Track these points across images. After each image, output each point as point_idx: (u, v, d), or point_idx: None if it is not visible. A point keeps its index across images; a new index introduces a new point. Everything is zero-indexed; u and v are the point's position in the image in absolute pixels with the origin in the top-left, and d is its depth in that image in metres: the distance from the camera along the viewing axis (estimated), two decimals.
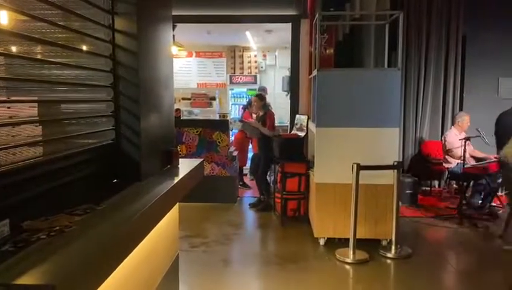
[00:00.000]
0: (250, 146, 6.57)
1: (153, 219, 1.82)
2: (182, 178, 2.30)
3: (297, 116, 5.44)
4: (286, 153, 4.98)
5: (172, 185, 2.11)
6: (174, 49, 6.52)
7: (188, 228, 4.64)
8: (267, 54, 8.90)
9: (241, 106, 7.82)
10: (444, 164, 5.74)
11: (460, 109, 6.59)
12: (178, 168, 2.57)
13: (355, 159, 3.77)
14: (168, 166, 2.53)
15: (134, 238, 1.58)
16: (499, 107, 6.50)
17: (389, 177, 3.89)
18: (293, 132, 5.43)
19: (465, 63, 6.55)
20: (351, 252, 3.76)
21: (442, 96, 6.48)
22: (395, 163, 3.83)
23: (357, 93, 3.90)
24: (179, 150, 6.04)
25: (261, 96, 5.77)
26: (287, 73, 7.97)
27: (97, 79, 2.01)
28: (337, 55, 5.11)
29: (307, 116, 5.12)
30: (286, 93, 7.42)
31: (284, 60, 8.47)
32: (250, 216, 5.46)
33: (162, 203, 1.91)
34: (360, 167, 3.70)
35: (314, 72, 4.25)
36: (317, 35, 4.02)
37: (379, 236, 4.07)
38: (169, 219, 2.52)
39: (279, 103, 8.30)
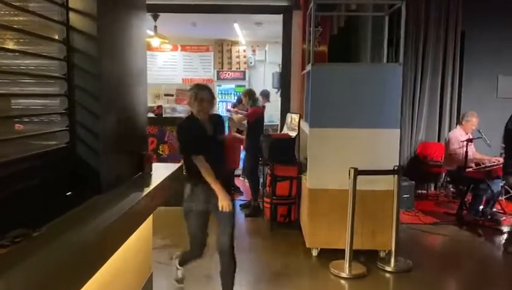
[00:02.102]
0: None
1: (112, 244, 1.48)
2: (154, 188, 1.97)
3: (288, 114, 5.13)
4: (276, 154, 4.67)
5: (140, 198, 1.77)
6: (156, 41, 6.17)
7: (167, 236, 4.30)
8: (256, 48, 8.58)
9: (229, 104, 7.48)
10: (443, 166, 5.50)
11: (458, 109, 6.38)
12: (151, 175, 2.23)
13: (352, 163, 3.48)
14: (139, 173, 2.20)
15: (81, 274, 1.24)
16: (498, 106, 6.35)
17: (388, 183, 3.60)
18: (283, 131, 5.12)
19: (464, 61, 6.34)
20: (347, 266, 3.47)
21: (439, 94, 6.25)
22: (396, 167, 3.55)
23: (355, 91, 3.60)
24: (160, 151, 5.69)
25: (249, 92, 5.45)
26: (278, 69, 7.66)
27: (47, 69, 1.66)
28: (331, 50, 4.81)
29: (299, 115, 4.81)
30: (276, 90, 7.12)
31: (275, 55, 8.14)
32: (238, 222, 5.12)
33: (125, 222, 1.58)
34: (358, 172, 3.41)
35: (308, 68, 3.94)
36: (311, 27, 3.71)
37: (377, 247, 3.79)
38: (140, 236, 2.19)
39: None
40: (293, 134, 4.87)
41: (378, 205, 3.70)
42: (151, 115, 5.92)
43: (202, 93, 2.68)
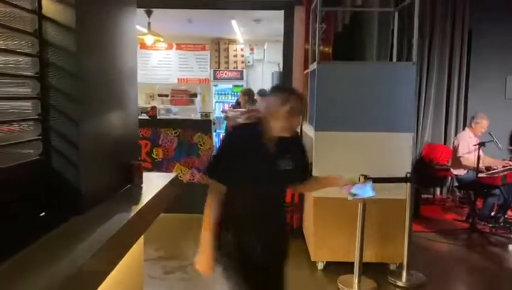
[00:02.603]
0: None
1: (93, 281, 1.22)
2: (145, 205, 1.71)
3: None
4: None
5: (129, 218, 1.51)
6: (150, 39, 5.89)
7: (162, 247, 4.04)
8: (254, 47, 8.33)
9: (229, 104, 7.23)
10: (451, 170, 5.27)
11: (465, 110, 6.17)
12: (141, 188, 1.97)
13: (361, 170, 3.22)
14: (128, 186, 1.94)
15: None
16: (506, 108, 6.14)
17: (399, 191, 3.36)
18: None
19: (471, 60, 6.13)
20: (356, 281, 3.23)
21: (445, 95, 6.03)
22: (408, 175, 3.31)
23: (364, 92, 3.36)
24: (154, 154, 5.43)
25: (248, 92, 5.22)
26: (277, 68, 7.44)
27: (15, 67, 1.40)
28: (335, 49, 4.56)
29: (301, 117, 4.56)
30: None
31: (274, 54, 7.92)
32: None
33: (110, 251, 1.32)
34: (368, 179, 3.15)
35: (312, 66, 3.69)
36: (317, 23, 3.46)
37: (387, 259, 3.55)
38: (129, 261, 1.92)
39: None
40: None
41: (388, 215, 3.46)
42: (144, 116, 5.66)
43: (297, 103, 1.75)
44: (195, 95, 5.53)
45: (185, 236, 4.46)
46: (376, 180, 3.17)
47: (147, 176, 2.10)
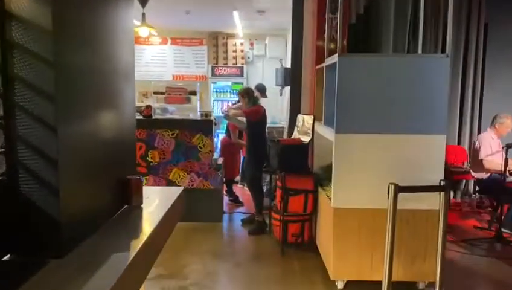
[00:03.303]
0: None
1: None
2: (150, 236, 1.31)
3: (299, 116, 4.49)
4: (287, 163, 4.04)
5: (126, 265, 1.11)
6: (145, 31, 5.47)
7: (161, 263, 3.63)
8: (254, 42, 7.93)
9: (228, 103, 6.83)
10: (472, 174, 4.93)
11: (480, 108, 5.86)
12: (141, 209, 1.57)
13: (388, 177, 2.87)
14: (125, 207, 1.54)
15: None
16: None
17: (431, 201, 2.99)
18: (294, 136, 4.49)
19: (486, 55, 5.80)
20: None
21: (460, 93, 5.70)
22: (443, 183, 2.94)
23: (392, 88, 2.99)
24: (149, 158, 5.00)
25: (246, 91, 4.81)
26: (279, 65, 7.05)
27: None
28: (349, 41, 4.19)
29: (313, 117, 4.18)
30: (280, 87, 6.49)
31: (276, 49, 7.54)
32: (240, 242, 4.48)
33: None
34: (399, 189, 2.78)
35: (331, 60, 3.31)
36: (339, 5, 3.07)
37: (416, 277, 3.19)
38: None
39: (269, 100, 7.36)
40: (306, 139, 4.24)
41: (419, 228, 3.10)
42: (138, 116, 5.24)
43: None
44: (194, 93, 5.13)
45: (186, 248, 4.06)
46: (405, 189, 2.82)
47: (147, 191, 1.70)
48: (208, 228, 4.74)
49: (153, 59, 7.86)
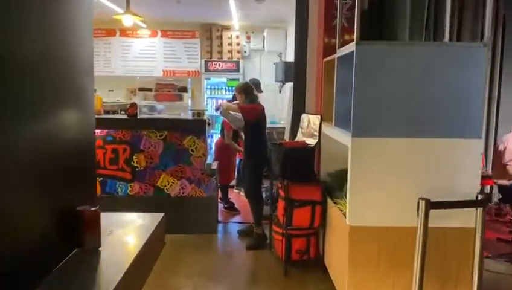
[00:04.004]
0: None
1: None
2: None
3: (303, 116, 4.04)
4: (291, 170, 3.58)
5: None
6: (129, 20, 4.98)
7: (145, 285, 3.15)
8: (251, 35, 7.47)
9: (226, 101, 6.36)
10: (494, 179, 4.51)
11: (497, 107, 5.45)
12: (98, 255, 1.10)
13: (415, 189, 2.43)
14: (74, 251, 1.07)
15: None
16: None
17: (463, 217, 2.56)
18: (298, 138, 4.03)
19: (504, 49, 5.39)
20: None
21: None
22: (480, 197, 2.50)
23: (419, 83, 2.54)
24: (135, 162, 4.52)
25: (244, 88, 4.37)
26: (278, 59, 6.61)
27: None
28: (362, 29, 3.73)
29: (320, 117, 3.73)
30: (280, 84, 6.03)
31: (275, 42, 7.08)
32: (238, 258, 4.02)
33: None
34: (431, 204, 2.34)
35: (346, 49, 2.85)
36: None
37: None
38: None
39: (267, 98, 6.92)
40: (312, 142, 3.78)
41: (450, 248, 2.66)
42: (123, 115, 4.76)
43: None
44: (184, 90, 4.66)
45: (175, 268, 3.58)
46: (438, 205, 2.38)
47: (110, 220, 1.23)
48: (200, 242, 4.28)
49: (142, 53, 7.40)
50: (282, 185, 3.55)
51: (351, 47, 2.62)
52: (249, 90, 4.31)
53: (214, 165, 4.62)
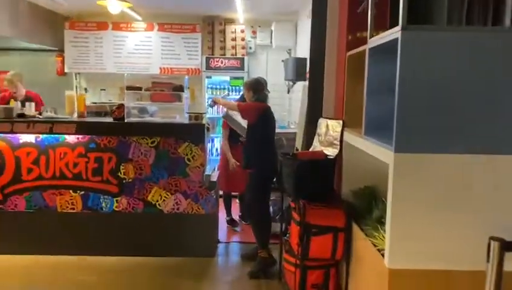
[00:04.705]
0: None
1: None
2: None
3: (321, 120, 3.42)
4: (307, 187, 2.97)
5: None
6: (115, 6, 4.38)
7: None
8: (257, 29, 6.88)
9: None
10: None
11: None
12: None
13: (482, 224, 1.85)
14: None
15: None
16: None
17: None
18: (314, 148, 3.42)
19: None
20: None
21: None
22: None
23: (493, 80, 1.93)
24: (122, 173, 3.90)
25: (252, 85, 3.81)
26: (286, 56, 6.03)
27: None
28: (392, 13, 3.13)
29: (341, 123, 3.12)
30: (290, 84, 5.45)
31: (284, 37, 6.51)
32: (239, 289, 3.42)
33: None
34: (505, 245, 1.73)
35: (383, 38, 2.23)
36: None
37: None
38: None
39: (274, 98, 6.34)
40: (332, 152, 3.16)
41: None
42: (107, 119, 4.18)
43: None
44: (180, 89, 4.08)
45: None
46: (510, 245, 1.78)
47: None
48: (196, 267, 3.69)
49: (137, 49, 6.82)
50: (297, 206, 2.94)
51: (394, 33, 2.00)
52: (258, 87, 3.77)
53: (214, 177, 4.02)
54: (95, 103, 5.65)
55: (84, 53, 6.71)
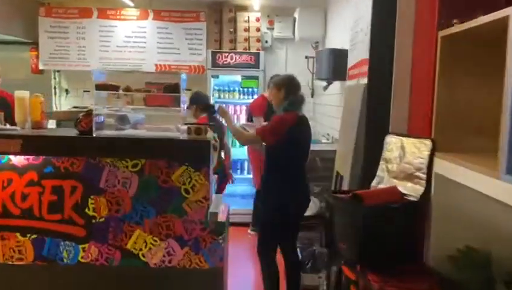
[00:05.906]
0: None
1: None
2: None
3: (389, 138, 2.32)
4: (376, 247, 1.91)
5: None
6: None
7: None
8: (275, 19, 6.09)
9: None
10: None
11: None
12: None
13: None
14: None
15: None
16: None
17: None
18: (381, 180, 2.30)
19: None
20: None
21: None
22: None
23: None
24: (91, 210, 2.71)
25: (285, 81, 3.07)
26: (310, 51, 5.10)
27: None
28: None
29: (430, 143, 2.02)
30: (325, 87, 4.45)
31: (310, 27, 5.64)
32: None
33: None
34: None
35: None
36: None
37: None
38: None
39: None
40: (413, 190, 2.06)
41: None
42: (72, 131, 3.09)
43: None
44: (175, 89, 3.00)
45: None
46: None
47: None
48: None
49: (128, 41, 6.03)
50: (361, 281, 1.84)
51: None
52: (293, 86, 3.05)
53: (222, 217, 2.94)
54: (77, 107, 4.81)
55: (62, 46, 5.99)
